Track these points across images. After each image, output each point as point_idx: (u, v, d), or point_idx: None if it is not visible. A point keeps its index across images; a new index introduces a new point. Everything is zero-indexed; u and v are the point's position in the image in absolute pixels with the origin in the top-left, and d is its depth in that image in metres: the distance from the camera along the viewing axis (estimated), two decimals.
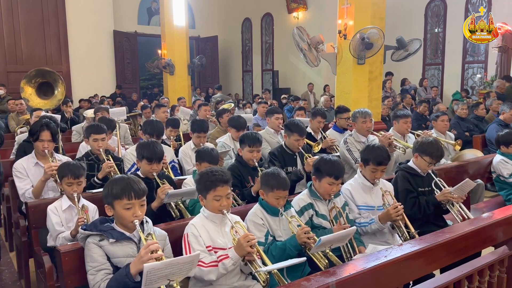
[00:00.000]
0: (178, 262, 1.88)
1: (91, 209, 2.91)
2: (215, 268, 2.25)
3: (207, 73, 16.85)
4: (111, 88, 14.04)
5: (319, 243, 2.26)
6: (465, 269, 2.27)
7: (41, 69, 7.97)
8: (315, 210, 2.78)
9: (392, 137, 4.23)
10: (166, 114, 6.27)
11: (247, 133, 3.69)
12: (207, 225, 2.38)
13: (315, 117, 5.20)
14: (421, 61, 12.83)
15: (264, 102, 7.64)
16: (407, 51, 7.18)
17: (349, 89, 6.97)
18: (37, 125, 3.49)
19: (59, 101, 7.77)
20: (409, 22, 12.44)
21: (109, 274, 2.10)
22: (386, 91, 10.42)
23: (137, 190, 2.16)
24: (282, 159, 3.95)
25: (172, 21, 11.11)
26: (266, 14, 15.47)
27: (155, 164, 3.11)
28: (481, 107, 7.19)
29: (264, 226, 2.57)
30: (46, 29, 13.08)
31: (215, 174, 2.39)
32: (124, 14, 14.84)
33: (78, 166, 2.97)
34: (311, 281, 1.76)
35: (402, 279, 2.09)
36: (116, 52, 14.43)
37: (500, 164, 4.29)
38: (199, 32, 16.64)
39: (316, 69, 10.29)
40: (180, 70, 11.31)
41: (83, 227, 2.20)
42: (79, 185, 2.91)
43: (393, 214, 2.79)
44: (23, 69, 10.73)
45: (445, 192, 3.10)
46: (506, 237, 2.54)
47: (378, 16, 6.79)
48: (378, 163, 2.96)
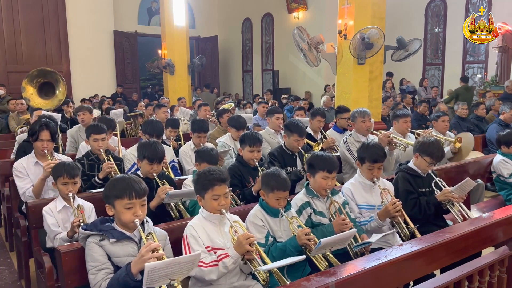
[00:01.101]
0: (179, 262, 1.88)
1: (87, 208, 2.89)
2: (215, 267, 2.24)
3: (207, 73, 16.85)
4: (111, 88, 14.05)
5: (319, 246, 2.26)
6: (465, 269, 2.27)
7: (43, 69, 7.98)
8: (312, 208, 2.78)
9: (392, 135, 4.24)
10: (166, 114, 6.27)
11: (248, 133, 3.68)
12: (206, 226, 2.37)
13: (314, 117, 5.19)
14: (421, 61, 12.85)
15: (264, 102, 7.64)
16: (407, 51, 7.19)
17: (349, 89, 6.97)
18: (36, 125, 3.50)
19: (60, 101, 7.78)
20: (409, 22, 12.46)
21: (110, 273, 2.10)
22: (386, 91, 10.43)
23: (138, 189, 2.16)
24: (282, 159, 3.95)
25: (172, 21, 11.12)
26: (266, 14, 15.48)
27: (156, 165, 3.11)
28: (481, 107, 7.19)
29: (265, 227, 2.56)
30: (46, 29, 13.09)
31: (212, 173, 2.38)
32: (124, 14, 14.85)
33: (73, 166, 2.96)
34: (311, 281, 1.76)
35: (402, 279, 2.09)
36: (116, 52, 14.44)
37: (500, 164, 4.29)
38: (199, 32, 16.65)
39: (316, 69, 10.29)
40: (180, 70, 11.32)
41: (83, 227, 2.20)
42: (74, 185, 2.90)
43: (391, 210, 2.80)
44: (23, 69, 10.76)
45: (446, 192, 3.10)
46: (506, 237, 2.54)
47: (378, 16, 6.79)
48: (373, 161, 2.97)
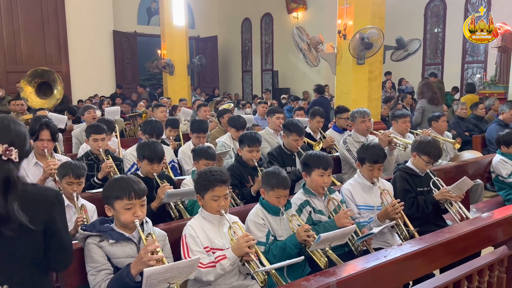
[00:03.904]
0: (178, 266, 1.89)
1: (90, 209, 2.90)
2: (213, 268, 2.25)
3: (207, 73, 16.85)
4: (111, 88, 14.04)
5: (318, 240, 2.27)
6: (465, 269, 2.28)
7: (38, 69, 7.90)
8: (312, 207, 2.79)
9: (392, 135, 4.24)
10: (165, 114, 6.26)
11: (247, 133, 3.69)
12: (205, 226, 2.37)
13: (314, 117, 5.19)
14: (421, 61, 12.85)
15: (264, 102, 7.63)
16: (406, 51, 7.19)
17: (349, 89, 6.97)
18: (36, 124, 3.48)
19: (58, 100, 7.75)
20: (409, 22, 12.45)
21: (110, 274, 2.11)
22: (386, 91, 10.43)
23: (137, 190, 2.16)
24: (281, 159, 3.95)
25: (171, 21, 11.11)
26: (266, 14, 15.48)
27: (156, 165, 3.12)
28: (481, 107, 7.20)
29: (265, 226, 2.57)
30: (46, 29, 13.08)
31: (214, 174, 2.39)
32: (124, 14, 14.85)
33: (80, 166, 2.96)
34: (311, 281, 1.76)
35: (402, 279, 2.09)
36: (116, 52, 14.43)
37: (499, 164, 4.29)
38: (198, 32, 16.65)
39: (315, 69, 10.29)
40: (179, 70, 11.32)
41: (82, 227, 2.20)
42: (79, 185, 2.91)
43: (391, 212, 2.80)
44: (22, 69, 10.71)
45: (443, 191, 3.10)
46: (505, 237, 2.54)
47: (377, 16, 6.79)
48: (374, 161, 2.97)
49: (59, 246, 1.70)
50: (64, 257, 1.76)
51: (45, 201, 1.65)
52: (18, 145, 1.59)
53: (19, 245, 1.58)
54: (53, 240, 1.67)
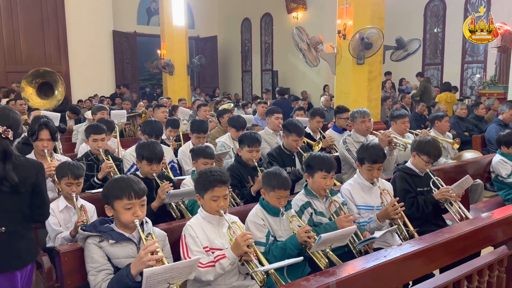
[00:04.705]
0: (177, 267, 1.89)
1: (89, 209, 2.89)
2: (212, 268, 2.25)
3: (207, 73, 16.84)
4: (111, 88, 14.03)
5: (319, 241, 2.26)
6: (465, 269, 2.28)
7: (40, 69, 7.90)
8: (313, 209, 2.79)
9: (392, 135, 4.24)
10: (165, 114, 6.26)
11: (246, 133, 3.68)
12: (204, 226, 2.37)
13: (313, 117, 5.19)
14: (421, 61, 12.84)
15: (263, 102, 7.63)
16: (406, 51, 7.19)
17: (349, 89, 6.98)
18: (35, 124, 3.47)
19: (59, 101, 7.75)
20: (409, 22, 12.45)
21: (110, 274, 2.11)
22: (386, 91, 10.43)
23: (137, 190, 2.16)
24: (281, 159, 3.95)
25: (171, 21, 11.11)
26: (266, 14, 15.48)
27: (155, 165, 3.11)
28: (481, 106, 7.20)
29: (265, 226, 2.56)
30: (46, 29, 13.07)
31: (214, 174, 2.38)
32: (124, 14, 14.84)
33: (78, 166, 2.96)
34: (311, 281, 1.76)
35: (401, 279, 2.10)
36: (116, 52, 14.42)
37: (499, 164, 4.30)
38: (198, 32, 16.64)
39: (315, 69, 10.29)
40: (179, 70, 11.32)
41: (82, 228, 2.20)
42: (78, 185, 2.90)
43: (391, 212, 2.80)
44: (22, 69, 10.72)
45: (443, 191, 3.10)
46: (505, 237, 2.54)
47: (377, 16, 6.80)
48: (373, 161, 2.97)
49: (41, 203, 2.27)
50: (44, 211, 2.33)
51: (33, 168, 2.22)
52: (13, 128, 2.16)
53: (14, 201, 2.15)
54: (37, 197, 2.23)
